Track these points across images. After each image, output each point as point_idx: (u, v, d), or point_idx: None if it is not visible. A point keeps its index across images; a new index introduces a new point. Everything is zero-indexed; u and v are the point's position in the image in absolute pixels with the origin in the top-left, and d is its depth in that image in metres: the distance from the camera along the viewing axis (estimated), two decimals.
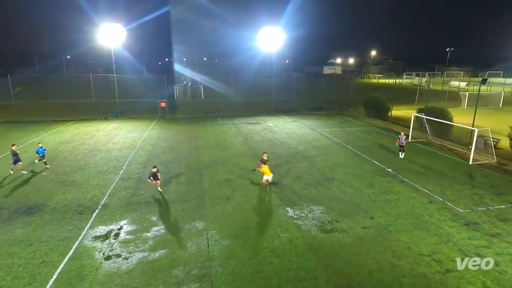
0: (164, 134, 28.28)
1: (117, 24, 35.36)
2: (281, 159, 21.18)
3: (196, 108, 42.25)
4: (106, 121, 34.00)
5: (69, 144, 24.78)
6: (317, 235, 12.15)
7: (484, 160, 20.73)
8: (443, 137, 25.55)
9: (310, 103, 43.68)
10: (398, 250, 11.19)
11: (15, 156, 17.80)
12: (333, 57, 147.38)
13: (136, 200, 15.10)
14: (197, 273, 10.04)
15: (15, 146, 18.10)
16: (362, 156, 21.92)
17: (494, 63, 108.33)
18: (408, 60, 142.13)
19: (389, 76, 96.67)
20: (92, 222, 13.02)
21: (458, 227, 12.69)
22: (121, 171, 18.83)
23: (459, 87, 61.72)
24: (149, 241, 11.76)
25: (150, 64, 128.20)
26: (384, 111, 35.32)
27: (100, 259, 10.69)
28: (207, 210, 14.12)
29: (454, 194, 15.71)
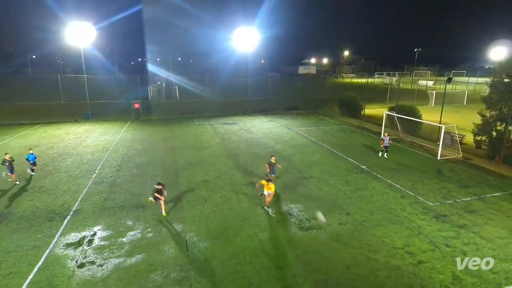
0: (138, 136, 27.58)
1: (86, 23, 34.07)
2: (258, 159, 21.25)
3: (171, 109, 41.51)
4: (76, 124, 32.68)
5: (36, 148, 23.57)
6: (296, 233, 12.30)
7: (451, 155, 21.81)
8: (413, 134, 26.64)
9: (286, 103, 44.12)
10: (374, 244, 11.55)
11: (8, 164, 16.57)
12: (308, 57, 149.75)
13: (110, 204, 14.63)
14: (175, 276, 9.87)
15: (8, 155, 16.72)
16: (337, 154, 22.42)
17: (458, 63, 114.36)
18: (379, 60, 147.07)
19: (361, 75, 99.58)
20: (63, 229, 12.47)
21: (429, 219, 13.28)
22: (94, 175, 18.17)
23: (426, 86, 64.55)
24: (125, 246, 11.43)
25: (123, 64, 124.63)
26: (357, 109, 36.31)
27: (72, 267, 10.26)
28: (185, 212, 13.92)
29: (424, 189, 16.42)
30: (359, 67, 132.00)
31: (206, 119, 35.50)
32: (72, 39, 34.20)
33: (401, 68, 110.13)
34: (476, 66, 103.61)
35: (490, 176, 18.34)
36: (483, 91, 46.95)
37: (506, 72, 20.93)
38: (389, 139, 21.27)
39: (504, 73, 21.05)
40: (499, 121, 20.71)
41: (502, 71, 21.39)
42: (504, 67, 21.48)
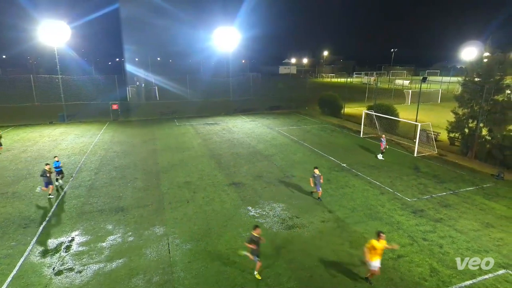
0: (117, 138, 26.91)
1: (60, 21, 32.90)
2: (241, 158, 21.22)
3: (151, 109, 40.77)
4: (51, 126, 31.51)
5: (8, 152, 22.59)
6: (279, 232, 12.37)
7: (427, 152, 22.57)
8: (391, 132, 27.38)
9: (267, 103, 44.30)
10: (355, 240, 11.78)
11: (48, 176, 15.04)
12: (288, 57, 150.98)
13: (89, 209, 14.20)
14: (158, 280, 9.71)
15: (48, 166, 15.14)
16: (318, 152, 22.72)
17: (432, 63, 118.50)
18: (358, 60, 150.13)
19: (340, 75, 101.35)
20: (38, 236, 12.00)
21: (407, 215, 13.69)
22: (71, 179, 17.59)
23: (403, 85, 66.52)
24: (105, 251, 11.13)
25: (99, 65, 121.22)
26: (337, 108, 36.94)
27: (49, 275, 9.89)
28: (167, 214, 13.71)
29: (402, 185, 16.91)
30: (338, 67, 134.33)
31: (187, 120, 35.10)
32: (45, 38, 32.95)
33: (378, 68, 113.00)
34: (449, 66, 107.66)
35: (463, 171, 19.11)
36: (456, 90, 48.87)
37: (476, 71, 21.88)
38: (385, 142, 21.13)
39: (475, 72, 22.00)
40: (471, 118, 21.62)
41: (473, 70, 22.33)
42: (474, 67, 22.42)
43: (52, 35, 32.62)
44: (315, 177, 14.76)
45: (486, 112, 20.66)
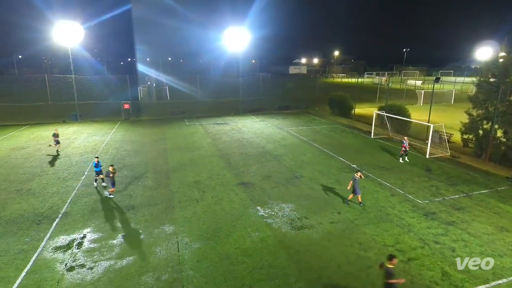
0: (128, 137, 27.27)
1: (74, 22, 33.52)
2: (250, 159, 21.25)
3: (162, 109, 41.17)
4: (64, 125, 32.13)
5: (23, 150, 23.13)
6: (288, 232, 12.34)
7: (439, 153, 22.18)
8: (402, 133, 26.98)
9: (277, 103, 44.23)
10: (365, 242, 11.66)
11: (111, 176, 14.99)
12: (299, 57, 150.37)
13: (100, 206, 14.43)
14: (167, 278, 9.80)
15: (112, 167, 15.10)
16: (328, 153, 22.57)
17: (446, 63, 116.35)
18: (369, 60, 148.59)
19: (351, 75, 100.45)
20: (52, 232, 12.26)
21: (418, 217, 13.48)
22: (83, 177, 17.91)
23: (415, 85, 65.51)
24: (116, 248, 11.29)
25: (112, 65, 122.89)
26: (348, 109, 36.63)
27: (62, 271, 10.09)
28: (176, 213, 13.82)
29: (413, 187, 16.66)
30: (349, 67, 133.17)
31: (197, 120, 35.33)
32: (59, 39, 33.61)
33: (390, 68, 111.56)
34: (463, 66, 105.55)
35: (477, 173, 18.71)
36: (470, 90, 47.89)
37: (491, 71, 21.39)
38: (407, 143, 20.50)
39: (490, 72, 21.51)
40: (485, 120, 21.15)
41: (488, 70, 21.85)
42: (489, 66, 21.92)
43: (66, 36, 33.23)
44: (355, 180, 14.18)
45: (501, 113, 20.18)
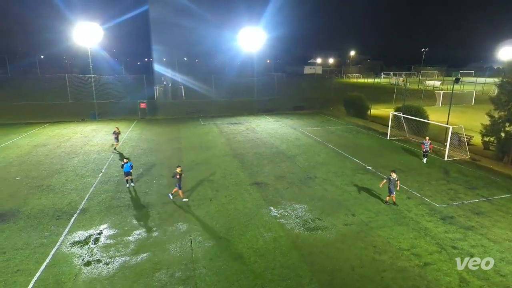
0: (144, 136, 27.75)
1: (93, 23, 34.37)
2: (264, 158, 21.24)
3: (177, 108, 41.70)
4: (83, 123, 33.01)
5: (44, 147, 23.89)
6: (301, 233, 12.27)
7: (458, 156, 21.57)
8: (419, 135, 26.39)
9: (291, 103, 44.05)
10: (379, 245, 11.47)
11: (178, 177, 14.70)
12: (314, 57, 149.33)
13: (116, 203, 14.75)
14: (180, 275, 9.92)
15: (179, 168, 14.79)
16: (343, 154, 22.31)
17: (466, 63, 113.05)
18: (385, 60, 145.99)
19: (367, 75, 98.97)
20: (70, 228, 12.61)
21: (435, 221, 13.15)
22: (100, 174, 18.34)
23: (434, 86, 63.94)
24: (131, 245, 11.51)
25: (129, 64, 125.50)
26: (363, 109, 36.10)
27: (79, 265, 10.37)
28: (190, 211, 13.97)
29: (431, 190, 16.26)
30: (365, 67, 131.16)
31: (211, 119, 35.60)
32: (79, 39, 34.53)
33: (408, 68, 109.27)
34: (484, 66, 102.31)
35: (498, 177, 18.09)
36: (492, 91, 46.33)
37: None
38: (430, 144, 20.35)
39: None
40: (507, 122, 20.42)
41: (511, 71, 21.08)
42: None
43: (86, 36, 34.11)
44: (390, 180, 14.08)
45: None
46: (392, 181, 14.13)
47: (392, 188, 14.14)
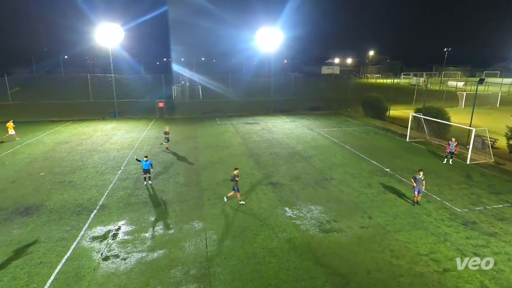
0: (162, 134, 28.19)
1: (114, 24, 35.25)
2: (279, 159, 21.19)
3: (194, 108, 42.20)
4: (104, 121, 33.91)
5: (66, 144, 24.70)
6: (316, 235, 12.16)
7: (481, 159, 20.81)
8: (440, 137, 25.64)
9: (308, 103, 43.73)
10: (396, 249, 11.22)
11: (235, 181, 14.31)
12: (332, 57, 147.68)
13: (134, 200, 15.07)
14: (195, 273, 10.03)
15: (237, 171, 14.31)
16: (360, 156, 21.96)
17: (492, 63, 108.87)
18: (405, 60, 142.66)
19: (387, 76, 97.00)
20: (90, 223, 12.99)
21: (456, 226, 12.74)
22: (119, 172, 18.79)
23: (456, 87, 61.96)
24: (147, 241, 11.74)
25: (148, 64, 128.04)
26: (382, 110, 35.40)
27: (98, 260, 10.66)
28: (205, 210, 14.11)
29: (451, 194, 15.77)
30: (384, 67, 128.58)
31: (228, 119, 35.81)
32: (101, 40, 35.51)
33: (429, 68, 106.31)
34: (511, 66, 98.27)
35: None
36: None
37: None
38: (456, 145, 20.00)
39: None
40: None
41: None
42: None
43: (107, 37, 35.05)
44: (416, 179, 14.17)
45: None
46: (418, 180, 14.08)
47: (419, 187, 14.13)
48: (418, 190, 14.22)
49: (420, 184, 14.16)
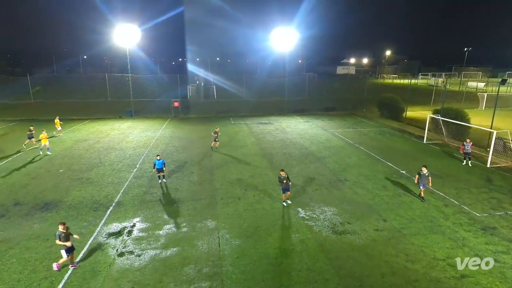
0: (177, 134, 28.58)
1: (132, 25, 35.91)
2: (293, 159, 21.10)
3: (208, 107, 42.52)
4: (120, 120, 34.61)
5: (85, 142, 25.34)
6: (329, 236, 12.05)
7: (502, 163, 20.12)
8: (459, 139, 24.93)
9: (322, 103, 43.36)
10: (412, 253, 10.98)
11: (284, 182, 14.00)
12: (347, 57, 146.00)
13: (149, 198, 15.32)
14: (208, 271, 10.11)
15: (283, 172, 14.01)
16: (375, 157, 21.61)
17: None
18: (423, 60, 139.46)
19: (404, 76, 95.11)
20: (106, 219, 13.28)
21: (475, 231, 12.36)
22: (135, 170, 19.13)
23: (477, 87, 60.13)
24: (161, 239, 11.91)
25: (164, 64, 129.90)
26: (398, 111, 34.72)
27: (113, 256, 10.89)
28: (219, 209, 14.19)
29: (470, 198, 15.31)
30: (401, 68, 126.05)
31: (242, 119, 35.91)
32: (119, 40, 36.23)
33: (448, 68, 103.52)
34: None
35: None
36: None
37: None
38: (471, 145, 19.72)
39: None
40: None
41: None
42: None
43: (125, 37, 35.74)
44: (421, 175, 14.59)
45: None
46: (422, 176, 14.47)
47: (423, 183, 14.52)
48: (423, 185, 14.59)
49: (425, 180, 14.58)
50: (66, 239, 9.97)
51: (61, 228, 9.89)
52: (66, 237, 9.98)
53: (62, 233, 9.87)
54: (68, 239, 10.04)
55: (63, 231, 9.89)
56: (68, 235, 10.04)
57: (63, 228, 9.93)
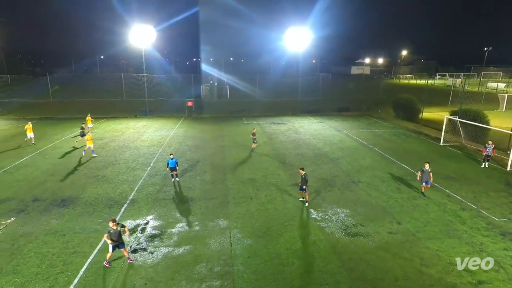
0: (190, 133, 28.85)
1: (147, 25, 36.45)
2: (306, 160, 20.97)
3: (222, 107, 42.75)
4: (135, 119, 35.19)
5: (101, 140, 25.88)
6: (341, 238, 11.92)
7: None
8: (478, 141, 24.25)
9: (336, 104, 42.94)
10: (427, 257, 10.75)
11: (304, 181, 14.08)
12: (362, 57, 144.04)
13: (162, 196, 15.52)
14: (219, 270, 10.16)
15: (303, 171, 14.12)
16: (390, 159, 21.25)
17: None
18: (441, 60, 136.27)
19: (420, 76, 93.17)
20: (120, 216, 13.52)
21: (493, 236, 12.00)
22: (149, 168, 19.41)
23: (497, 88, 58.32)
24: (174, 236, 12.05)
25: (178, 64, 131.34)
26: (414, 112, 34.04)
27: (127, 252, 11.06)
28: (231, 208, 14.25)
29: (489, 202, 14.87)
30: (418, 68, 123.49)
31: (254, 118, 35.94)
32: (135, 41, 36.84)
33: (467, 69, 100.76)
34: None
35: None
36: None
37: None
38: (493, 148, 19.31)
39: None
40: None
41: None
42: None
43: (140, 38, 36.32)
44: (423, 171, 14.94)
45: None
46: (425, 172, 14.84)
47: (426, 179, 14.88)
48: (426, 181, 14.97)
49: (427, 176, 14.88)
50: (116, 236, 10.09)
51: (111, 225, 10.06)
52: (116, 234, 10.09)
53: (112, 229, 10.02)
54: (119, 236, 10.19)
55: (113, 227, 10.03)
56: (118, 232, 10.16)
57: (113, 225, 10.06)
